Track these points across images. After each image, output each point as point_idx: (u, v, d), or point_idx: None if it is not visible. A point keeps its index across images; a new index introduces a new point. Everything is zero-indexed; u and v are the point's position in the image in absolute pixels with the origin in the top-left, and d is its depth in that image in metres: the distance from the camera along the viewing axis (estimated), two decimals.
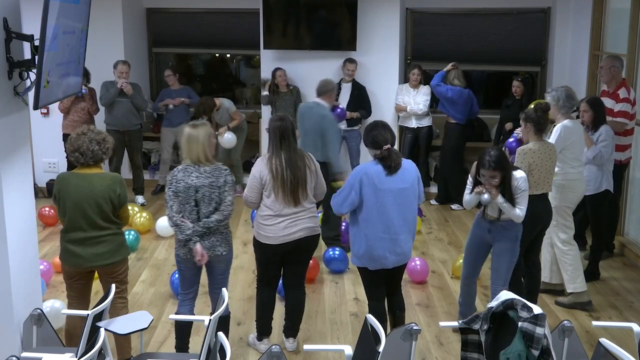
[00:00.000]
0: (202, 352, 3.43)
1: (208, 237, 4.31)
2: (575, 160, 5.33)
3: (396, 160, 4.26)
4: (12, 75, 3.77)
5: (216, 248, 4.34)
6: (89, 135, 4.21)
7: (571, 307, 5.41)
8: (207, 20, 9.69)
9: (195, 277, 4.48)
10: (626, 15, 6.62)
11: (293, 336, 4.82)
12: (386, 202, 4.25)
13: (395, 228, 4.29)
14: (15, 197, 3.93)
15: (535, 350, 3.19)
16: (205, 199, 4.26)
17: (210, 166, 4.32)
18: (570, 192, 5.35)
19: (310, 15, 8.49)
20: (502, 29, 9.17)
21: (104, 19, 8.28)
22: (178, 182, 4.26)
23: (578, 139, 5.34)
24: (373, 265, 4.38)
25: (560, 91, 5.30)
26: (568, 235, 5.42)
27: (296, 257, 4.65)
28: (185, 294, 4.50)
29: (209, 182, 4.26)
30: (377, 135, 4.27)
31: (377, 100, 8.39)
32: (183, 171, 4.28)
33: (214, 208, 4.29)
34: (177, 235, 4.33)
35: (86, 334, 3.61)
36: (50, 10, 3.57)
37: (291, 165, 4.45)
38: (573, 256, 5.41)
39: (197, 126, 4.35)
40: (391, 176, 4.25)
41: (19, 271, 3.96)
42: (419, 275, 6.01)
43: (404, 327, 3.51)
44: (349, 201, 4.31)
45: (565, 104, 5.27)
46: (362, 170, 4.32)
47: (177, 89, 8.57)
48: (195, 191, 4.25)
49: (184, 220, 4.27)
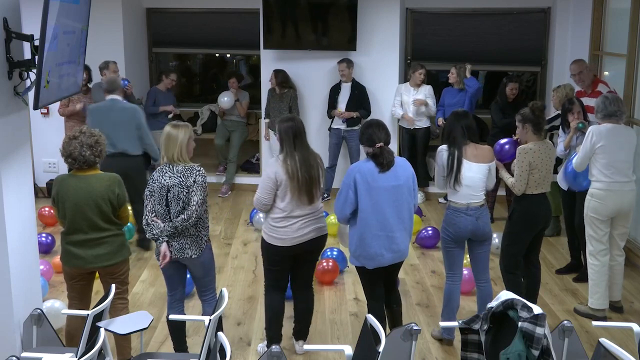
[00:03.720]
0: (202, 352, 3.43)
1: (177, 239, 4.27)
2: (608, 168, 5.13)
3: (388, 157, 4.30)
4: (12, 75, 3.77)
5: (185, 250, 4.29)
6: (80, 139, 4.17)
7: (585, 316, 5.29)
8: (207, 20, 9.68)
9: (176, 277, 4.45)
10: (626, 15, 6.62)
11: (303, 339, 4.79)
12: (380, 199, 4.27)
13: (391, 226, 4.32)
14: (15, 197, 3.93)
15: (535, 350, 3.19)
16: (175, 198, 4.24)
17: (184, 166, 4.28)
18: (596, 202, 5.18)
19: (310, 15, 8.48)
20: (502, 29, 9.17)
21: (104, 19, 8.27)
22: (154, 182, 4.26)
23: (611, 144, 5.10)
24: (371, 264, 4.38)
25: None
26: (594, 248, 5.25)
27: (305, 258, 4.62)
28: (171, 295, 4.49)
29: (179, 182, 4.23)
30: (371, 134, 4.33)
31: (376, 100, 8.39)
32: (159, 171, 4.28)
33: (182, 208, 4.25)
34: (147, 235, 4.33)
35: (86, 334, 3.61)
36: (50, 10, 3.57)
37: (306, 165, 4.42)
38: (596, 271, 5.24)
39: (178, 126, 4.32)
40: (384, 173, 4.29)
41: (19, 271, 3.96)
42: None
43: (404, 327, 3.51)
44: (348, 202, 4.31)
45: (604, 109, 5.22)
46: (355, 169, 4.35)
47: (166, 90, 8.58)
48: (167, 191, 4.23)
49: (155, 220, 4.26)
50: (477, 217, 4.65)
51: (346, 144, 8.37)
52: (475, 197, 4.66)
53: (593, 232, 5.24)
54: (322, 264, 5.98)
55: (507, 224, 5.07)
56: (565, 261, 6.46)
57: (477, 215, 4.65)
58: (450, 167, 4.60)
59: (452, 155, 4.60)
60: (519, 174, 4.85)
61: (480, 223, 4.67)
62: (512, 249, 5.00)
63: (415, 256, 6.63)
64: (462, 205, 4.64)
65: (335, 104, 8.26)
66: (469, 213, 4.63)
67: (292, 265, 4.61)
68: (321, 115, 8.51)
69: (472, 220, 4.64)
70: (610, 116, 5.19)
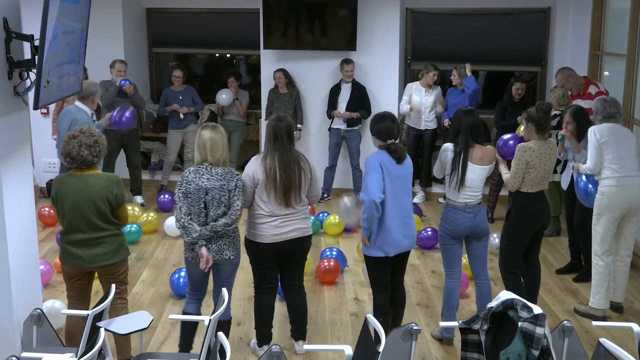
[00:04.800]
0: (202, 352, 3.43)
1: (215, 241, 4.29)
2: (615, 162, 5.11)
3: (402, 151, 4.50)
4: (12, 75, 3.77)
5: (224, 252, 4.32)
6: (80, 138, 4.17)
7: (585, 316, 5.28)
8: (207, 20, 9.69)
9: (203, 281, 4.47)
10: (626, 15, 6.62)
11: (302, 339, 4.79)
12: (397, 187, 4.43)
13: (406, 212, 4.52)
14: (15, 197, 3.93)
15: (535, 350, 3.19)
16: (214, 201, 4.24)
17: (223, 169, 4.30)
18: (608, 199, 5.12)
19: (310, 15, 8.48)
20: (502, 29, 9.17)
21: (104, 19, 8.28)
22: (188, 184, 4.24)
23: (614, 140, 5.11)
24: (393, 250, 4.46)
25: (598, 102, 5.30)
26: (600, 248, 5.20)
27: (290, 259, 4.63)
28: (193, 294, 4.50)
29: (220, 185, 4.24)
30: (388, 128, 4.46)
31: (377, 100, 8.38)
32: (194, 172, 4.26)
33: (223, 212, 4.27)
34: (183, 238, 4.31)
35: (86, 334, 3.61)
36: (50, 10, 3.57)
37: (284, 167, 4.41)
38: (599, 272, 5.22)
39: (216, 129, 4.33)
40: (399, 164, 4.46)
41: (19, 271, 3.96)
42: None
43: (404, 327, 3.51)
44: (378, 183, 4.35)
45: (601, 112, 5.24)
46: (377, 157, 4.46)
47: (180, 90, 8.56)
48: (205, 193, 4.23)
49: (192, 223, 4.25)
50: (475, 214, 4.68)
51: (346, 144, 8.37)
52: (474, 196, 4.68)
53: (602, 232, 5.20)
54: (323, 264, 5.98)
55: (505, 224, 5.08)
56: (565, 261, 6.46)
57: (475, 213, 4.68)
58: (454, 168, 4.63)
59: (458, 157, 4.63)
60: (514, 171, 4.88)
61: (479, 220, 4.69)
62: (510, 249, 5.01)
63: (415, 256, 6.63)
64: (461, 204, 4.66)
65: (335, 104, 8.27)
66: (467, 211, 4.66)
67: (279, 266, 4.63)
68: (321, 115, 8.51)
69: (471, 217, 4.66)
70: (609, 117, 5.22)
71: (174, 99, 8.49)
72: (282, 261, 4.61)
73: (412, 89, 8.26)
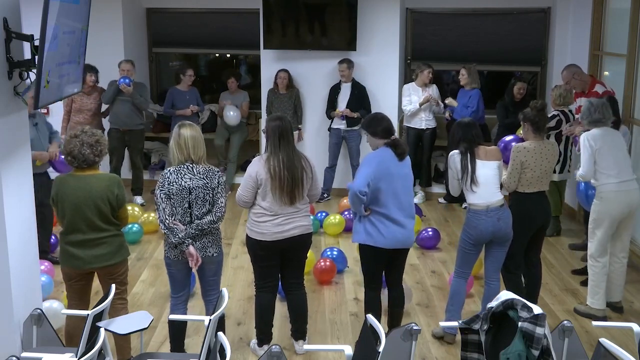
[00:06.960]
0: (202, 352, 3.43)
1: (200, 239, 4.29)
2: (612, 168, 5.11)
3: (403, 147, 4.56)
4: (12, 75, 3.76)
5: (207, 249, 4.33)
6: (82, 137, 4.18)
7: (585, 316, 5.28)
8: (207, 20, 9.69)
9: (186, 279, 4.47)
10: (626, 15, 6.62)
11: (302, 338, 4.79)
12: (397, 185, 4.47)
13: (405, 210, 4.54)
14: (15, 197, 3.93)
15: (535, 350, 3.19)
16: (198, 200, 4.24)
17: (204, 167, 4.30)
18: (607, 204, 5.14)
19: (310, 15, 8.48)
20: (502, 29, 9.18)
21: (104, 19, 8.28)
22: (171, 184, 4.22)
23: (608, 146, 5.12)
24: (389, 244, 4.48)
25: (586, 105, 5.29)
26: (596, 250, 5.22)
27: (291, 257, 4.63)
28: (177, 297, 4.49)
29: (203, 184, 4.24)
30: (387, 126, 4.58)
31: (376, 100, 8.39)
32: (176, 173, 4.24)
33: (207, 210, 4.27)
34: (169, 239, 4.27)
35: (86, 334, 3.61)
36: (50, 10, 3.57)
37: (290, 166, 4.43)
38: (596, 272, 5.23)
39: (193, 127, 4.33)
40: (400, 162, 4.51)
41: (19, 271, 3.96)
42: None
43: (404, 327, 3.51)
44: (367, 178, 4.40)
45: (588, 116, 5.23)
46: (378, 154, 4.51)
47: (187, 90, 8.52)
48: (188, 193, 4.23)
49: (177, 223, 4.24)
50: (498, 217, 4.65)
51: (346, 144, 8.37)
52: (493, 195, 4.66)
53: (601, 237, 5.20)
54: (320, 264, 5.99)
55: None
56: (565, 261, 6.48)
57: (498, 216, 4.65)
58: (464, 168, 4.64)
59: (465, 156, 4.65)
60: (510, 172, 4.89)
61: (502, 224, 4.66)
62: (510, 249, 5.00)
63: (415, 256, 6.63)
64: (482, 207, 4.64)
65: (335, 104, 8.27)
66: (489, 214, 4.63)
67: (280, 265, 4.63)
68: (321, 115, 8.51)
69: (493, 221, 4.64)
70: (595, 122, 5.22)
71: (180, 99, 8.46)
72: (283, 259, 4.61)
73: (411, 90, 8.27)
